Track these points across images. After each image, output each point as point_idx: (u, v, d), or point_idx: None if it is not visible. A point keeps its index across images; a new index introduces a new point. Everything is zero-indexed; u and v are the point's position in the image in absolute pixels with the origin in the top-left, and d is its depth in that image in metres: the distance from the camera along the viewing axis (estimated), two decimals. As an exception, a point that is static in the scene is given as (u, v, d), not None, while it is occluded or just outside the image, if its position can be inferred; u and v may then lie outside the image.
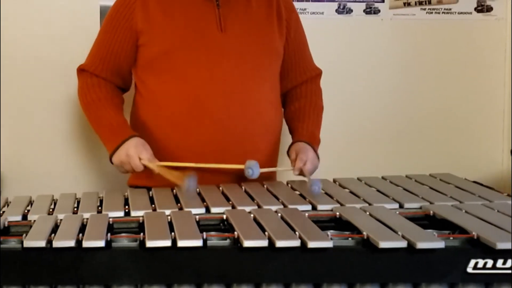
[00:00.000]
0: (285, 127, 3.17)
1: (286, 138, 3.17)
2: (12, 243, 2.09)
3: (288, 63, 3.11)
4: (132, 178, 3.06)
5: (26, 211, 2.41)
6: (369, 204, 2.47)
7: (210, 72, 2.90)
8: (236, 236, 2.09)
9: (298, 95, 3.15)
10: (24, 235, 2.08)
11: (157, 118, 2.96)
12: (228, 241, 2.11)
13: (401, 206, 2.47)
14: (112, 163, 2.89)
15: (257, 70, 2.98)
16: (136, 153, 2.79)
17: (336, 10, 3.96)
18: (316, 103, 3.16)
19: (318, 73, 3.21)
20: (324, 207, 2.45)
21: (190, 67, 2.90)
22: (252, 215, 2.30)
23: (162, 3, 2.94)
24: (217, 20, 2.93)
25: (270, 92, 3.03)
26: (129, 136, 2.84)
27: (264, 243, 2.03)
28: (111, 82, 3.01)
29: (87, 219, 2.28)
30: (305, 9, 3.89)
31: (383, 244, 2.02)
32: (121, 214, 2.38)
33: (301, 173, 2.91)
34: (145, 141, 2.84)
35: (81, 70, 3.04)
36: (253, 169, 2.73)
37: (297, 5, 3.69)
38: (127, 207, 2.44)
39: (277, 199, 2.55)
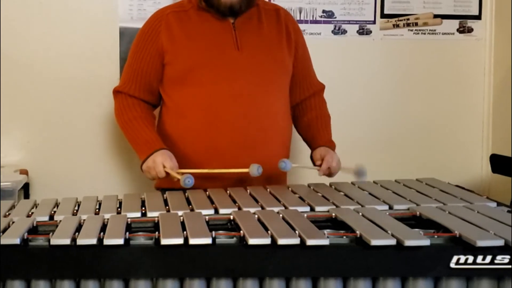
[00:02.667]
0: (295, 135, 3.19)
1: (296, 144, 3.19)
2: (40, 241, 2.09)
3: (296, 79, 3.14)
4: (158, 181, 3.07)
5: (52, 212, 2.41)
6: (362, 206, 2.47)
7: (228, 87, 2.93)
8: (242, 235, 2.09)
9: (308, 108, 3.20)
10: (51, 233, 2.09)
11: (181, 128, 3.00)
12: (234, 239, 2.10)
13: (390, 208, 2.47)
14: (142, 169, 2.93)
15: (270, 84, 3.00)
16: (161, 160, 2.83)
17: (332, 31, 3.97)
18: (325, 114, 3.22)
19: (322, 87, 3.26)
20: (321, 208, 2.45)
21: (210, 83, 2.93)
22: (256, 216, 2.30)
23: (184, 26, 2.98)
24: (234, 40, 2.96)
25: (281, 103, 3.06)
26: (160, 148, 2.88)
27: (267, 241, 2.04)
28: (144, 101, 3.05)
29: (108, 219, 2.28)
30: (304, 30, 3.88)
31: (374, 242, 2.02)
32: (138, 214, 2.38)
33: (327, 174, 2.99)
34: (172, 155, 2.87)
35: (117, 92, 3.07)
36: (286, 162, 2.80)
37: (297, 26, 3.71)
38: (143, 208, 2.44)
39: (279, 201, 2.55)
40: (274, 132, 3.02)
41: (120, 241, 2.03)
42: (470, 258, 2.03)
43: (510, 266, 2.03)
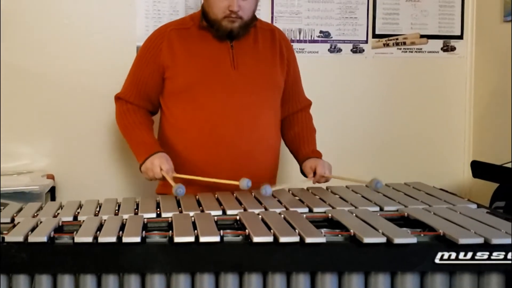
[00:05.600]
0: (283, 148, 3.18)
1: (284, 156, 3.18)
2: (65, 239, 2.10)
3: (286, 95, 3.10)
4: (159, 187, 3.07)
5: (76, 213, 2.41)
6: (355, 207, 2.47)
7: (224, 102, 2.90)
8: (247, 233, 2.09)
9: (294, 122, 3.15)
10: (75, 232, 2.09)
11: (179, 139, 2.97)
12: (240, 237, 2.11)
13: (381, 209, 2.46)
14: (141, 170, 2.89)
15: (263, 101, 2.98)
16: (158, 163, 2.80)
17: (329, 50, 3.97)
18: (310, 128, 3.16)
19: (309, 103, 3.22)
20: (319, 209, 2.44)
21: (207, 98, 2.90)
22: (260, 216, 2.31)
23: (185, 43, 2.95)
24: (231, 59, 2.93)
25: (272, 118, 3.03)
26: (157, 151, 2.85)
27: (269, 239, 2.04)
28: (142, 107, 3.02)
29: (126, 219, 2.29)
30: (303, 49, 3.90)
31: (366, 240, 2.02)
32: (154, 215, 2.38)
33: (323, 181, 2.95)
34: (169, 157, 2.84)
35: (117, 98, 3.05)
36: (266, 189, 2.64)
37: (296, 45, 3.72)
38: (158, 209, 2.44)
39: (280, 203, 2.55)
40: (264, 145, 2.99)
41: (137, 239, 2.04)
42: (453, 255, 2.03)
43: (489, 262, 2.03)
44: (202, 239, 2.03)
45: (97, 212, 2.44)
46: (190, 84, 2.91)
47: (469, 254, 2.03)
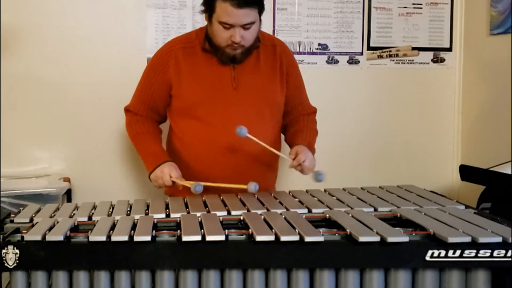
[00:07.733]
0: (282, 160, 3.15)
1: (284, 168, 3.18)
2: (80, 237, 2.11)
3: (289, 105, 3.07)
4: (167, 189, 3.05)
5: (91, 213, 2.41)
6: (351, 208, 2.47)
7: (225, 120, 2.89)
8: (250, 233, 2.10)
9: (297, 121, 3.09)
10: (90, 231, 2.10)
11: (185, 151, 2.99)
12: (244, 236, 2.11)
13: (375, 210, 2.47)
14: (150, 179, 2.91)
15: (261, 119, 2.95)
16: (168, 171, 2.82)
17: (326, 61, 3.98)
18: (312, 126, 3.11)
19: (314, 110, 3.16)
20: (317, 210, 2.45)
21: (210, 116, 2.90)
22: (262, 216, 2.31)
23: (190, 63, 2.92)
24: (232, 80, 2.91)
25: (271, 134, 3.00)
26: (166, 161, 2.87)
27: (271, 237, 2.04)
28: (150, 117, 3.03)
29: (137, 219, 2.29)
30: (302, 60, 3.90)
31: (362, 239, 2.03)
32: (163, 215, 2.38)
33: (299, 169, 2.85)
34: (177, 166, 2.87)
35: (126, 110, 3.07)
36: (242, 129, 2.75)
37: (296, 57, 3.67)
38: (168, 210, 2.45)
39: (282, 204, 2.55)
40: (261, 159, 2.97)
41: (148, 238, 2.05)
42: (443, 252, 2.03)
43: (476, 259, 2.04)
44: (208, 238, 2.04)
45: (110, 213, 2.45)
46: (193, 104, 2.92)
47: (458, 252, 2.03)
